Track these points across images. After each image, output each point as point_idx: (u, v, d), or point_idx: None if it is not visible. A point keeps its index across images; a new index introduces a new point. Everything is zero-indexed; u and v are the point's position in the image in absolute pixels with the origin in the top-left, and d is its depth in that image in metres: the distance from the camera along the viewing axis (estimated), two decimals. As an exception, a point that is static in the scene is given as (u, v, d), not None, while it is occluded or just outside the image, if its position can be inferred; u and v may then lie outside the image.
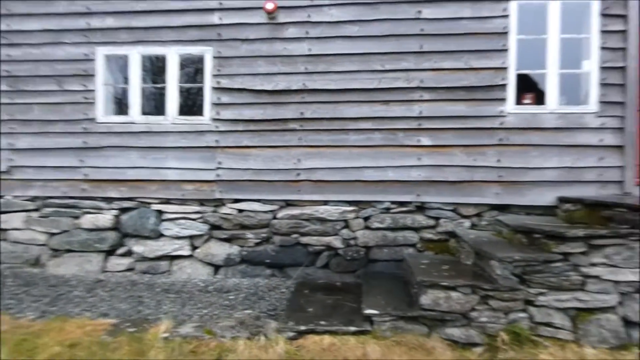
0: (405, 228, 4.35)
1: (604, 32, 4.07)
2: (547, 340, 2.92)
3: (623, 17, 4.03)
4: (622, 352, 2.79)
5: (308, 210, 4.42)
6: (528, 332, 2.95)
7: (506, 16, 4.17)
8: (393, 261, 4.32)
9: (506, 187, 4.20)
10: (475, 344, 2.96)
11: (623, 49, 4.03)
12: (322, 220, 4.41)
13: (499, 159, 4.20)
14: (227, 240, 4.52)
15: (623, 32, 4.03)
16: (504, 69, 4.20)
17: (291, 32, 4.40)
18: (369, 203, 4.40)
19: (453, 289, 3.07)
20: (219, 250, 4.50)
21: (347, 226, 4.43)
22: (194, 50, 4.52)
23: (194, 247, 4.56)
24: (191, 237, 4.55)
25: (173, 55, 4.54)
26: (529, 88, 4.45)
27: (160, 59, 4.87)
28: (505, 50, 4.19)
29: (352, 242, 4.40)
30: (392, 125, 4.33)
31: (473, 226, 4.28)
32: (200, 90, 4.61)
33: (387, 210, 4.40)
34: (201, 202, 4.56)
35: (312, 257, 4.43)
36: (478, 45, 4.21)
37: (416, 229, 4.35)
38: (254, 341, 2.91)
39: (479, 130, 4.24)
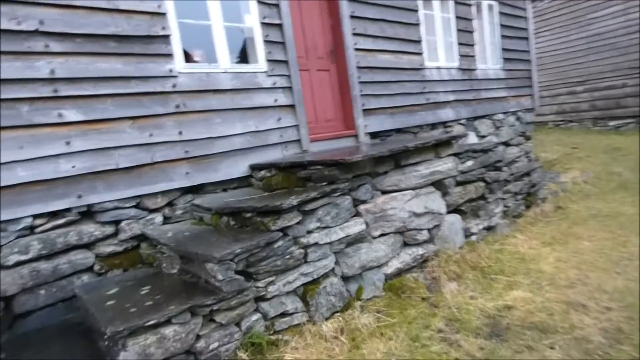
0: (70, 248, 2.88)
1: (258, -16, 3.84)
2: (286, 334, 2.49)
3: (273, -30, 3.92)
4: (349, 312, 2.70)
5: None
6: (266, 336, 2.42)
7: (153, -55, 3.21)
8: (61, 302, 2.83)
9: (196, 164, 3.45)
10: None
11: (277, 5, 3.96)
12: None
13: (181, 131, 3.37)
14: None
15: (275, -15, 3.94)
16: (162, 14, 3.28)
17: None
18: (-12, 228, 2.61)
19: (166, 323, 2.10)
20: None
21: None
22: None
23: None
24: None
25: None
26: (196, 43, 3.78)
27: None
28: (161, -10, 3.27)
29: (-33, 303, 2.51)
30: (6, 94, 2.63)
31: (166, 220, 3.34)
32: None
33: (30, 229, 2.77)
34: None
35: None
36: (121, -22, 3.07)
37: (88, 245, 2.97)
38: None
39: (148, 95, 3.21)
